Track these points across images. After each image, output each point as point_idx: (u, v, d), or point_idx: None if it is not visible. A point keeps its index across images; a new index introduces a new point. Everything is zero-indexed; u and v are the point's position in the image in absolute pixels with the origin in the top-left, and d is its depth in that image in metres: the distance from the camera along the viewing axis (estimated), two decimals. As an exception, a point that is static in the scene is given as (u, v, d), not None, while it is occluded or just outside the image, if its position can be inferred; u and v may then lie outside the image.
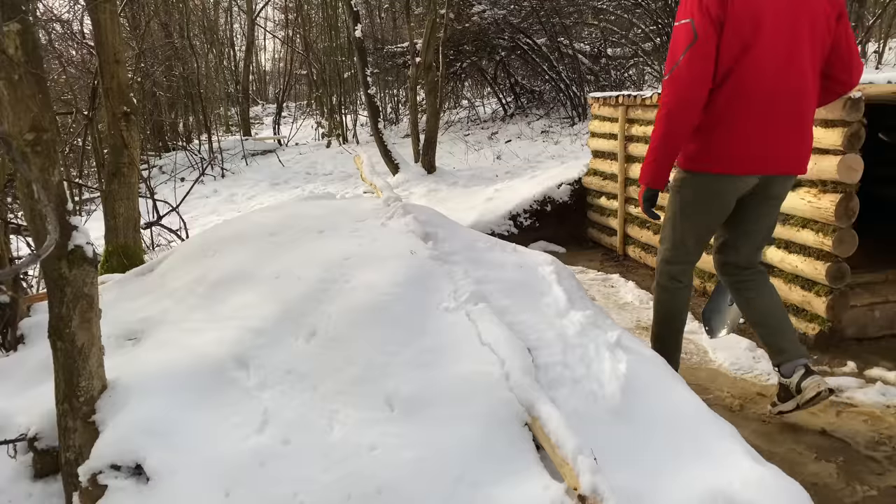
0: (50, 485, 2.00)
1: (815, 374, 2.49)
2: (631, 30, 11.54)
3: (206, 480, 1.69)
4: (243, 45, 17.91)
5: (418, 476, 1.60)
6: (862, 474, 2.37)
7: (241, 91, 16.84)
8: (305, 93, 20.21)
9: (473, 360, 1.85)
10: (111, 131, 4.40)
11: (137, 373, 1.97)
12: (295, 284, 2.20)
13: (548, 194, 5.90)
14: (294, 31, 17.31)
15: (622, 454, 1.73)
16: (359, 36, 9.25)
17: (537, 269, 2.47)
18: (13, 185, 3.43)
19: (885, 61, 8.46)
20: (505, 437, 1.67)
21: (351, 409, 1.78)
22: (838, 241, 3.21)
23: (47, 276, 1.79)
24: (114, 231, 4.42)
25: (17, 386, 2.33)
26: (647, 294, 4.41)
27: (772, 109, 2.30)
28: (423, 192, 7.65)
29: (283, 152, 13.44)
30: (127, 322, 2.36)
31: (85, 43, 7.81)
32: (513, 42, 12.09)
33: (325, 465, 1.66)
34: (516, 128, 11.64)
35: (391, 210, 2.65)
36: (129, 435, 1.78)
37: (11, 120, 1.69)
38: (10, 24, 1.64)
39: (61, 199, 1.75)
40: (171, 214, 6.45)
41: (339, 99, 15.21)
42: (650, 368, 2.02)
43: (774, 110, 2.31)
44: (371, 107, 9.61)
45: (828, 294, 3.31)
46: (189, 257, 2.62)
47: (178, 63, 14.07)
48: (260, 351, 2.00)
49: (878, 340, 3.44)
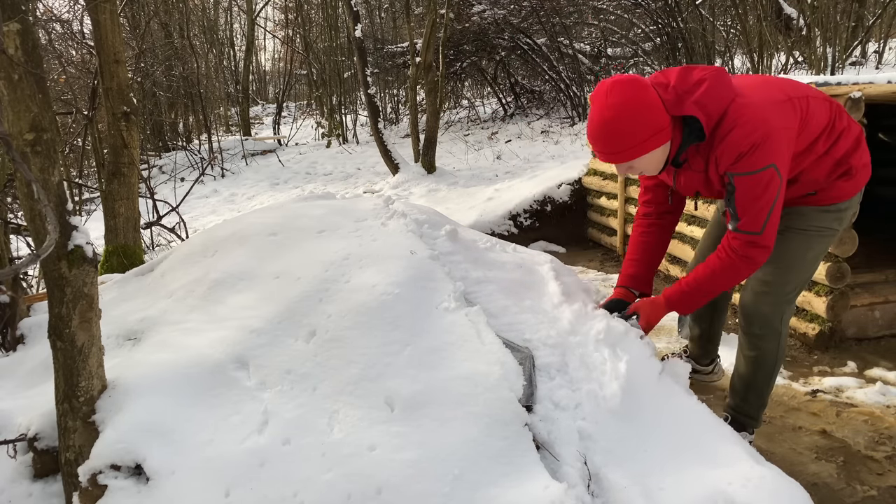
0: (50, 485, 2.00)
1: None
2: (631, 30, 11.54)
3: (205, 480, 1.69)
4: (243, 45, 17.92)
5: (418, 476, 1.60)
6: (862, 474, 2.37)
7: (241, 91, 16.85)
8: (305, 93, 20.22)
9: (473, 360, 1.85)
10: (111, 131, 4.40)
11: (137, 373, 1.97)
12: (295, 284, 2.20)
13: (548, 194, 5.90)
14: (294, 31, 17.31)
15: (622, 454, 1.73)
16: (359, 36, 9.25)
17: (537, 268, 2.47)
18: (13, 185, 3.43)
19: (885, 61, 8.46)
20: (505, 437, 1.67)
21: (351, 409, 1.78)
22: (838, 241, 3.21)
23: (47, 276, 1.79)
24: (114, 231, 4.42)
25: (17, 386, 2.33)
26: (647, 294, 4.41)
27: None
28: (423, 192, 7.66)
29: (283, 152, 13.44)
30: (127, 322, 2.36)
31: (85, 43, 7.81)
32: (513, 42, 12.10)
33: (325, 465, 1.66)
34: (516, 128, 11.65)
35: (391, 210, 2.65)
36: (128, 435, 1.78)
37: (11, 120, 1.69)
38: (10, 24, 1.64)
39: (61, 199, 1.75)
40: (171, 214, 6.45)
41: (339, 99, 15.22)
42: (650, 368, 2.01)
43: None
44: (371, 107, 9.62)
45: (828, 294, 3.31)
46: (189, 257, 2.62)
47: (178, 63, 14.09)
48: (260, 351, 2.00)
49: (878, 340, 3.44)
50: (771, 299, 2.25)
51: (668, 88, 1.95)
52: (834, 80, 3.12)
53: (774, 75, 2.35)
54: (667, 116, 1.94)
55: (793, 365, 3.24)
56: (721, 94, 1.94)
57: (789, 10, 8.66)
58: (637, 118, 1.89)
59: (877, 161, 2.20)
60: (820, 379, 3.09)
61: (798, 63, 8.51)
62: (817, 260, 2.26)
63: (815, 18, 7.77)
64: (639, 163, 2.00)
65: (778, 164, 1.93)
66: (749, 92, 1.99)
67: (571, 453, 1.69)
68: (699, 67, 2.01)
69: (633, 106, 1.89)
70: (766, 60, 8.29)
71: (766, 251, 2.04)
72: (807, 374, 3.15)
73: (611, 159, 1.99)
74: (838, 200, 2.17)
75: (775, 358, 2.33)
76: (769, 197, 1.96)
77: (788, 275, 2.23)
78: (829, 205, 2.18)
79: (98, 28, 4.26)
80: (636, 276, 2.38)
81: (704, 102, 1.92)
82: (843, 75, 5.45)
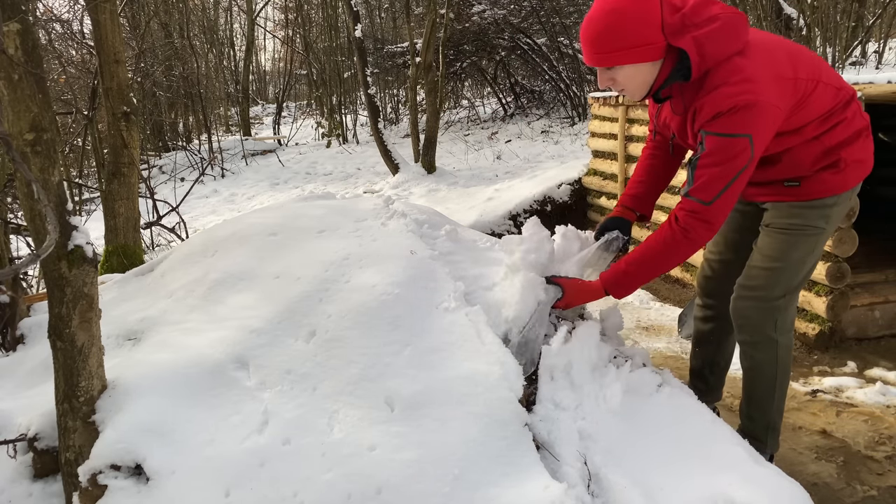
0: (50, 485, 2.00)
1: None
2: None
3: (205, 480, 1.69)
4: (243, 45, 17.92)
5: (418, 476, 1.60)
6: (862, 474, 2.37)
7: (241, 91, 16.85)
8: (305, 93, 20.22)
9: (473, 360, 1.85)
10: (111, 131, 4.40)
11: (137, 373, 1.97)
12: (295, 284, 2.20)
13: (548, 194, 5.90)
14: (294, 31, 17.31)
15: (622, 454, 1.73)
16: (359, 36, 9.25)
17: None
18: (13, 185, 3.43)
19: (885, 61, 8.46)
20: (505, 437, 1.67)
21: (351, 409, 1.78)
22: (838, 241, 3.21)
23: (47, 276, 1.79)
24: (114, 231, 4.42)
25: (17, 386, 2.33)
26: (648, 294, 4.41)
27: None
28: (423, 192, 7.66)
29: (283, 152, 13.44)
30: (127, 322, 2.36)
31: (85, 43, 7.81)
32: (513, 42, 12.10)
33: (325, 465, 1.66)
34: (516, 128, 11.65)
35: (391, 210, 2.65)
36: (128, 435, 1.78)
37: (11, 120, 1.69)
38: (10, 24, 1.64)
39: (61, 199, 1.75)
40: (171, 214, 6.45)
41: (339, 99, 15.22)
42: (650, 369, 2.02)
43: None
44: (371, 107, 9.62)
45: (828, 294, 3.31)
46: (189, 257, 2.62)
47: (178, 63, 14.09)
48: (260, 351, 2.00)
49: (878, 340, 3.44)
50: (758, 304, 2.11)
51: (677, 13, 1.82)
52: (834, 80, 3.11)
53: (804, 46, 2.13)
54: (660, 36, 1.80)
55: (793, 365, 3.24)
56: (726, 42, 1.80)
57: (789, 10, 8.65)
58: (626, 23, 1.79)
59: (877, 161, 2.18)
60: (820, 379, 3.09)
61: (798, 63, 8.50)
62: (806, 261, 2.09)
63: (815, 18, 7.76)
64: (620, 75, 1.88)
65: (754, 137, 1.80)
66: (757, 54, 1.85)
67: (571, 453, 1.69)
68: (721, 4, 1.87)
69: (627, 10, 1.79)
70: (766, 60, 8.28)
71: (708, 229, 1.87)
72: (807, 374, 3.15)
73: (593, 60, 1.88)
74: (823, 195, 2.01)
75: (773, 370, 2.17)
76: (732, 168, 1.81)
77: (774, 277, 2.08)
78: (812, 200, 2.02)
79: (98, 28, 4.26)
80: (638, 195, 2.24)
81: (704, 43, 1.79)
82: (843, 75, 5.44)
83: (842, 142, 1.98)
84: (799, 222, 2.04)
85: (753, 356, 2.19)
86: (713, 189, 1.83)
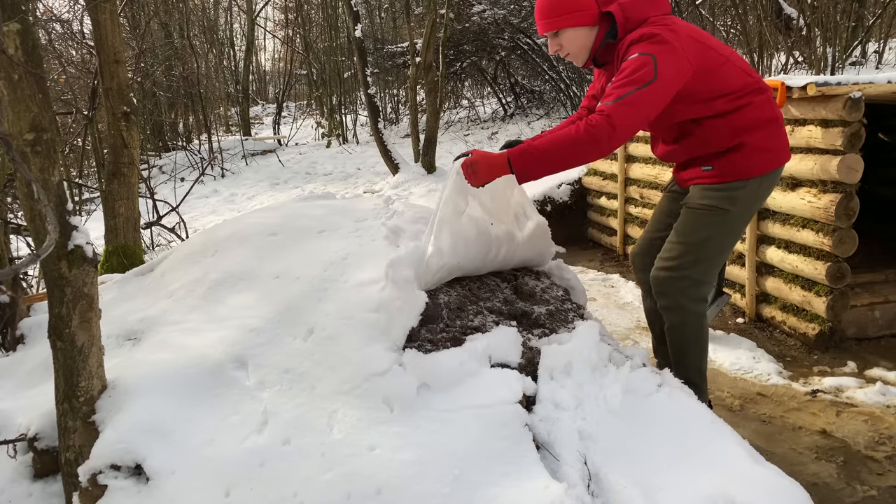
0: (50, 485, 2.00)
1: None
2: (631, 30, 11.52)
3: (205, 480, 1.69)
4: (243, 45, 17.91)
5: (418, 476, 1.60)
6: (862, 474, 2.37)
7: (241, 91, 16.84)
8: (305, 93, 20.21)
9: (474, 360, 1.85)
10: (111, 131, 4.40)
11: (137, 373, 1.97)
12: (294, 284, 2.20)
13: (548, 194, 5.90)
14: (294, 31, 17.31)
15: (622, 454, 1.72)
16: (359, 36, 9.25)
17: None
18: (13, 185, 3.43)
19: (885, 61, 8.45)
20: (505, 437, 1.67)
21: (350, 409, 1.78)
22: (838, 241, 3.21)
23: (47, 276, 1.79)
24: (114, 231, 4.42)
25: (17, 386, 2.33)
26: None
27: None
28: (423, 192, 7.66)
29: (283, 152, 13.43)
30: (127, 322, 2.36)
31: (85, 43, 7.81)
32: (513, 42, 12.10)
33: (325, 465, 1.66)
34: (516, 128, 11.65)
35: (391, 210, 2.65)
36: (128, 435, 1.78)
37: (11, 120, 1.69)
38: (10, 24, 1.64)
39: (61, 199, 1.75)
40: (171, 214, 6.45)
41: (339, 99, 15.21)
42: (650, 369, 2.02)
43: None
44: (371, 107, 9.61)
45: (828, 294, 3.31)
46: (189, 257, 2.62)
47: (178, 63, 14.08)
48: (258, 350, 2.00)
49: (878, 340, 3.44)
50: (669, 274, 2.34)
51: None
52: (834, 79, 3.11)
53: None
54: (593, 4, 2.18)
55: (793, 365, 3.24)
56: (646, 7, 2.16)
57: (789, 10, 8.65)
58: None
59: (877, 161, 2.20)
60: (820, 379, 3.09)
61: (798, 63, 8.50)
62: (712, 238, 2.29)
63: (815, 18, 7.76)
64: (563, 39, 2.25)
65: (660, 61, 2.02)
66: (674, 19, 2.16)
67: (571, 453, 1.69)
68: None
69: None
70: (766, 60, 8.28)
71: (610, 133, 1.98)
72: (807, 374, 3.15)
73: (542, 28, 2.25)
74: (731, 179, 2.25)
75: (684, 332, 2.37)
76: (637, 79, 2.01)
77: (682, 250, 2.32)
78: (722, 183, 2.26)
79: (98, 28, 4.26)
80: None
81: (627, 7, 2.16)
82: (843, 75, 5.45)
83: (749, 125, 2.21)
84: (707, 202, 2.29)
85: (669, 319, 2.42)
86: (617, 94, 2.03)
